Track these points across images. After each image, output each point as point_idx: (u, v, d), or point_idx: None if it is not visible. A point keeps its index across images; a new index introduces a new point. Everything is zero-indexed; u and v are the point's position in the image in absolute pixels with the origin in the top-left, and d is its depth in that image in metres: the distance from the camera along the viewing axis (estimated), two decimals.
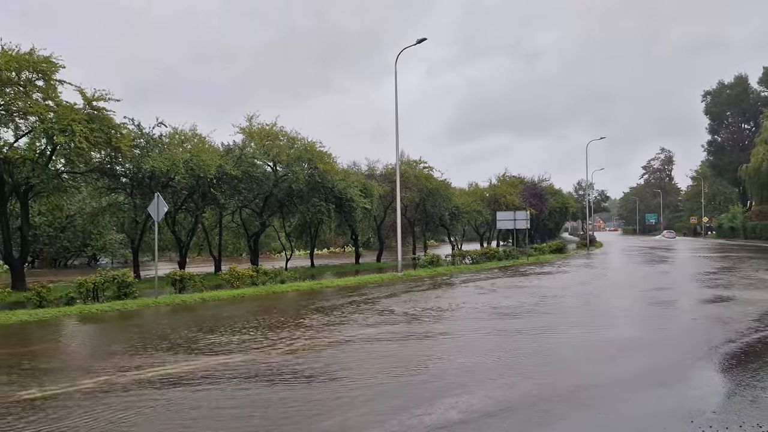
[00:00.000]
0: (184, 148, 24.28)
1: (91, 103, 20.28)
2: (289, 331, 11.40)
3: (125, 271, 18.03)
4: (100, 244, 39.37)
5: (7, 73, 18.56)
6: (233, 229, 34.09)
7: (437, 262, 29.31)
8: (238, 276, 20.47)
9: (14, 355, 9.97)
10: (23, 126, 20.25)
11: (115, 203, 26.86)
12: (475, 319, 12.60)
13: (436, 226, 44.93)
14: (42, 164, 20.68)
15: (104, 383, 7.57)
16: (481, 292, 18.03)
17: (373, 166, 37.68)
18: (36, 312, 14.45)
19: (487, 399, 6.60)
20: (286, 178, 27.81)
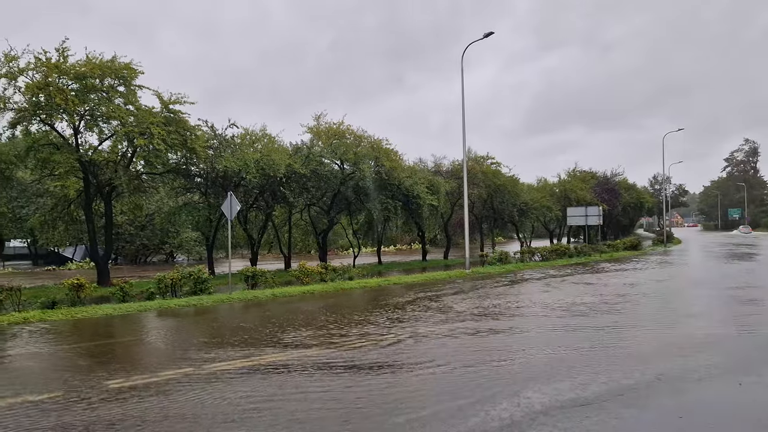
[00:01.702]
0: (255, 148, 24.92)
1: (168, 106, 21.13)
2: (363, 325, 11.48)
3: (201, 268, 18.69)
4: (177, 242, 41.01)
5: (92, 80, 19.63)
6: (302, 226, 34.73)
7: (506, 259, 28.83)
8: (308, 273, 20.82)
9: (102, 347, 10.52)
10: (106, 130, 21.35)
11: (190, 202, 27.91)
12: (549, 316, 12.29)
13: (504, 222, 44.22)
14: (123, 166, 21.73)
15: (200, 372, 7.85)
16: (552, 290, 17.59)
17: (439, 163, 37.50)
18: (120, 306, 15.19)
19: (575, 388, 6.72)
20: (353, 176, 28.06)
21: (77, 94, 19.46)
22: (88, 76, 19.46)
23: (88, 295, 16.26)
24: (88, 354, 9.82)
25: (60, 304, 15.16)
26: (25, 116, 19.66)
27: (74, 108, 19.23)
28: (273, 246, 37.03)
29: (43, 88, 18.79)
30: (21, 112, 19.50)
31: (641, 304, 14.24)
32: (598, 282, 19.93)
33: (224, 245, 31.80)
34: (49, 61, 19.11)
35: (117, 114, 19.93)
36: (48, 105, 19.01)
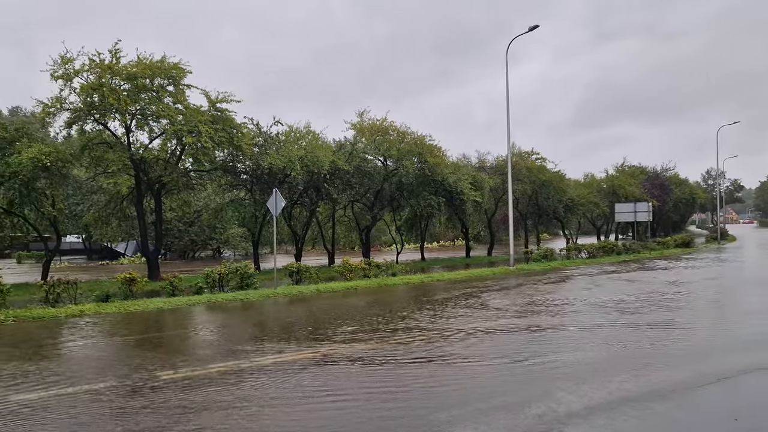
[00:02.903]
0: (299, 145, 25.20)
1: (215, 105, 21.55)
2: (407, 321, 11.49)
3: (247, 263, 19.03)
4: (223, 238, 41.86)
5: (143, 80, 20.19)
6: (345, 222, 34.96)
7: (551, 255, 28.38)
8: (351, 268, 20.95)
9: (154, 339, 10.83)
10: (156, 128, 21.93)
11: (236, 199, 28.44)
12: (599, 313, 12.04)
13: (549, 218, 43.52)
14: (173, 163, 22.30)
15: (248, 365, 8.02)
16: (600, 287, 17.22)
17: (483, 159, 37.16)
18: (170, 300, 15.62)
19: (637, 384, 6.74)
20: (397, 172, 28.08)
21: (129, 94, 20.05)
22: (139, 77, 20.02)
23: (140, 289, 16.76)
24: (140, 346, 10.13)
25: (113, 298, 15.69)
26: (80, 116, 20.38)
27: (126, 107, 19.82)
28: (317, 242, 37.43)
29: (96, 88, 19.42)
30: (76, 112, 20.23)
31: (695, 302, 13.80)
32: (648, 280, 19.41)
33: (269, 241, 32.28)
34: (102, 63, 19.74)
35: (166, 113, 20.45)
36: (101, 105, 19.65)
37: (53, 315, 13.44)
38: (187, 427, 5.68)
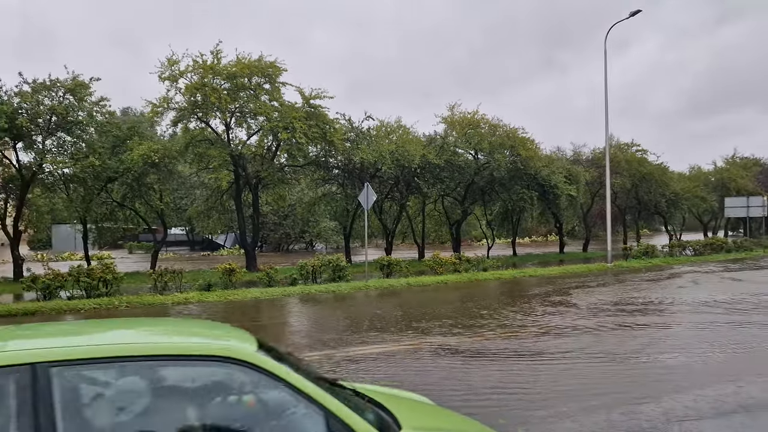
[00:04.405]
0: (390, 139, 25.36)
1: (309, 101, 22.10)
2: (499, 316, 11.30)
3: (339, 256, 19.41)
4: (316, 231, 42.94)
5: (241, 79, 21.05)
6: (435, 217, 34.84)
7: (652, 252, 26.91)
8: (441, 263, 20.86)
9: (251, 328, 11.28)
10: (253, 125, 22.82)
11: (328, 193, 29.06)
12: (705, 313, 11.30)
13: (650, 214, 41.31)
14: (269, 159, 23.11)
15: (341, 355, 8.20)
16: (707, 285, 16.13)
17: (578, 151, 35.78)
18: (266, 290, 16.21)
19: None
20: (488, 165, 27.62)
21: (229, 92, 20.97)
22: (238, 76, 20.89)
23: (239, 279, 17.50)
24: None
25: (214, 287, 16.48)
26: (184, 115, 21.56)
27: (226, 106, 20.75)
28: (407, 236, 37.56)
29: (199, 88, 20.45)
30: (181, 111, 21.41)
31: None
32: (760, 279, 17.98)
33: (360, 235, 32.80)
34: (204, 63, 20.76)
35: (263, 110, 21.21)
36: (204, 104, 20.68)
37: (161, 302, 14.32)
38: None
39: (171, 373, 2.35)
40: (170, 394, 2.34)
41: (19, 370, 2.04)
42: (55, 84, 19.53)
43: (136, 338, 2.59)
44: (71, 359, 2.13)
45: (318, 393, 2.38)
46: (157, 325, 2.88)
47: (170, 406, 2.32)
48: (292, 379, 2.36)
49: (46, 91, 19.45)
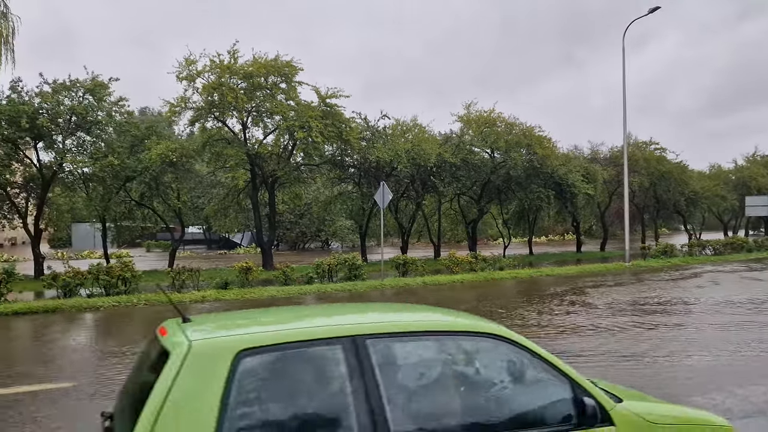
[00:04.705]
0: (406, 138, 25.33)
1: (325, 100, 22.14)
2: (517, 315, 11.23)
3: (354, 255, 19.44)
4: (331, 230, 43.03)
5: (258, 78, 21.15)
6: (451, 215, 34.75)
7: (671, 252, 26.58)
8: (457, 262, 20.79)
9: None
10: (270, 124, 22.91)
11: (344, 192, 29.10)
12: (726, 314, 11.14)
13: (669, 213, 40.85)
14: (285, 158, 23.20)
15: None
16: (728, 285, 15.90)
17: (596, 149, 35.44)
18: (282, 288, 16.29)
19: None
20: (504, 164, 27.49)
21: (245, 92, 21.08)
22: (254, 75, 20.99)
23: (255, 277, 17.60)
24: None
25: (232, 285, 16.58)
26: (201, 114, 21.72)
27: (243, 105, 20.86)
28: (422, 235, 37.52)
29: (216, 88, 20.58)
30: (198, 111, 21.57)
31: None
32: None
33: (376, 233, 32.79)
34: (222, 63, 20.89)
35: (279, 109, 21.30)
36: (221, 103, 20.80)
37: (179, 300, 14.43)
38: None
39: (451, 344, 2.92)
40: (453, 362, 2.92)
41: (344, 341, 2.60)
42: (75, 84, 19.79)
43: (423, 317, 3.20)
44: (381, 333, 2.72)
45: (562, 364, 2.92)
46: (426, 310, 3.55)
47: (453, 371, 2.89)
48: (542, 352, 2.91)
49: (66, 91, 19.72)
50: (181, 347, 2.44)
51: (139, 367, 2.99)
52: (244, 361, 2.42)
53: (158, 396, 2.29)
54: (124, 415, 2.62)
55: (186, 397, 2.31)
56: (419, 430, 2.54)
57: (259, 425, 2.40)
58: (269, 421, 2.42)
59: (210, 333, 2.69)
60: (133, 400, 2.58)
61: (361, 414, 2.45)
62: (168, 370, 2.37)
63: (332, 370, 2.57)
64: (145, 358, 2.95)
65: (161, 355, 2.54)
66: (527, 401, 2.83)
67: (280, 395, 2.48)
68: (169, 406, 2.27)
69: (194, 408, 2.30)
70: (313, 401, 2.53)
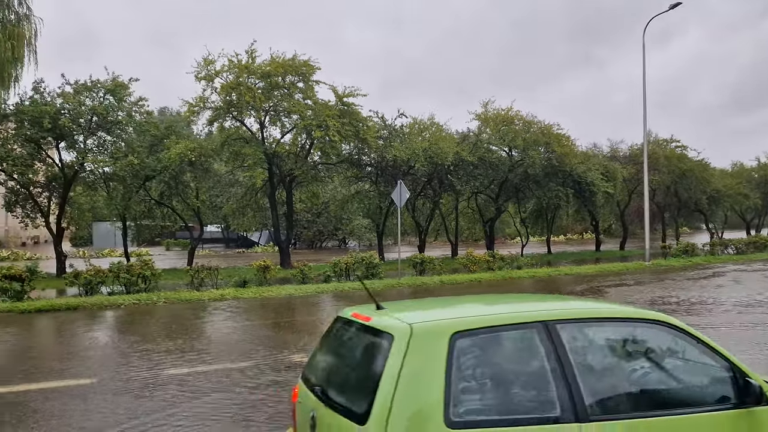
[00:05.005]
0: (423, 137, 25.27)
1: (342, 99, 22.18)
2: None
3: (372, 254, 19.45)
4: (349, 229, 43.12)
5: (275, 78, 21.25)
6: (469, 214, 34.62)
7: (692, 251, 26.21)
8: (475, 260, 20.70)
9: (286, 324, 11.38)
10: (287, 123, 23.00)
11: (361, 191, 29.12)
12: (751, 314, 10.95)
13: (690, 211, 40.32)
14: (302, 157, 23.28)
15: None
16: (750, 285, 15.62)
17: (615, 147, 35.07)
18: (300, 287, 16.34)
19: None
20: (522, 162, 27.31)
21: (263, 91, 21.20)
22: (272, 75, 21.09)
23: (273, 276, 17.67)
24: (273, 329, 10.70)
25: (250, 284, 16.68)
26: (220, 114, 21.87)
27: (261, 105, 20.97)
28: (440, 233, 37.42)
29: (234, 87, 20.71)
30: (217, 110, 21.73)
31: None
32: None
33: (393, 232, 32.79)
34: (240, 63, 21.02)
35: (297, 109, 21.37)
36: (239, 103, 20.93)
37: (198, 298, 14.57)
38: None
39: (624, 329, 3.26)
40: (625, 344, 3.23)
41: (538, 326, 2.95)
42: (95, 85, 20.05)
43: (600, 306, 3.68)
44: (567, 318, 3.09)
45: (722, 349, 3.17)
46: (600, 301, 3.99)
47: (626, 352, 3.21)
48: (703, 337, 3.19)
49: (87, 91, 19.98)
50: (403, 330, 2.79)
51: (338, 346, 3.47)
52: (459, 341, 2.78)
53: (392, 371, 2.65)
54: (343, 387, 3.08)
55: (415, 372, 2.67)
56: (603, 403, 2.89)
57: (477, 397, 2.78)
58: (485, 393, 2.80)
59: (424, 318, 3.02)
60: (346, 375, 3.16)
61: (560, 387, 2.80)
62: (396, 350, 2.72)
63: (531, 350, 2.92)
64: (343, 339, 3.42)
65: (371, 336, 3.00)
66: (689, 381, 3.19)
67: (489, 371, 2.84)
68: (402, 379, 2.63)
69: (424, 381, 2.67)
70: (518, 377, 2.88)
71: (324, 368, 3.43)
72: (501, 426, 2.67)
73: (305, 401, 3.29)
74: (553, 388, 2.80)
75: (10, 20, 15.29)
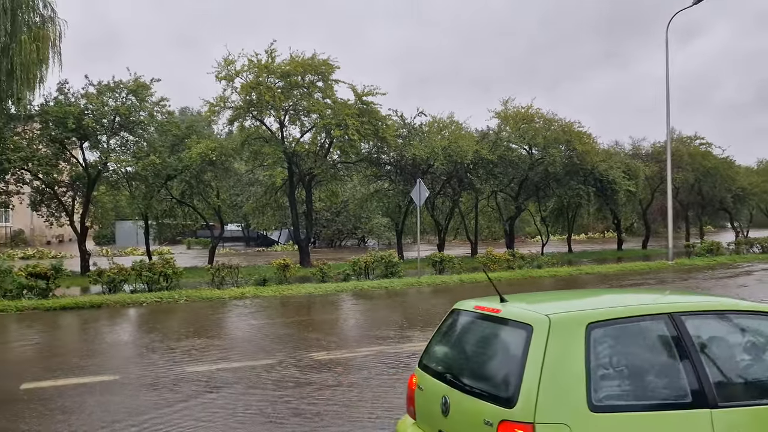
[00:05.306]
0: (443, 135, 25.18)
1: (362, 98, 22.18)
2: None
3: (391, 252, 19.43)
4: (368, 227, 43.13)
5: (295, 77, 21.33)
6: (488, 213, 34.43)
7: (717, 250, 25.79)
8: (495, 259, 20.59)
9: (306, 322, 11.42)
10: (307, 123, 23.08)
11: (380, 189, 29.10)
12: None
13: (714, 210, 39.66)
14: (322, 156, 23.34)
15: (394, 351, 8.22)
16: None
17: (638, 145, 34.59)
18: (319, 286, 16.38)
19: None
20: (542, 161, 27.09)
21: (282, 91, 21.28)
22: (291, 74, 21.18)
23: (293, 274, 17.74)
24: (294, 327, 10.74)
25: (270, 282, 16.77)
26: (240, 113, 22.01)
27: (280, 104, 21.06)
28: (459, 232, 37.26)
29: (254, 87, 20.82)
30: (237, 110, 21.87)
31: None
32: None
33: (412, 231, 32.74)
34: (259, 62, 21.14)
35: (316, 108, 21.43)
36: (259, 102, 21.04)
37: (218, 296, 14.69)
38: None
39: (740, 321, 3.47)
40: (742, 335, 3.44)
41: (665, 318, 3.17)
42: (118, 85, 20.30)
43: (717, 300, 3.98)
44: (691, 311, 3.29)
45: None
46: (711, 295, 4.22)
47: (743, 341, 3.42)
48: None
49: (110, 92, 20.24)
50: (543, 321, 3.00)
51: (462, 336, 3.77)
52: (594, 332, 2.99)
53: (535, 359, 2.87)
54: (479, 373, 3.34)
55: (558, 360, 2.88)
56: (729, 390, 3.11)
57: (615, 383, 2.97)
58: (621, 379, 2.98)
59: (558, 310, 3.19)
60: (481, 363, 3.42)
61: (689, 375, 3.00)
62: (537, 339, 2.94)
63: (660, 340, 3.15)
64: (468, 329, 3.73)
65: (504, 327, 3.28)
66: None
67: (623, 359, 3.05)
68: (546, 367, 2.84)
69: (566, 368, 2.87)
70: (650, 365, 3.08)
71: (450, 357, 3.73)
72: (638, 410, 2.88)
73: (431, 387, 3.55)
74: (683, 375, 3.01)
75: (35, 22, 15.49)
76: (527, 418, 2.76)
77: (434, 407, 3.43)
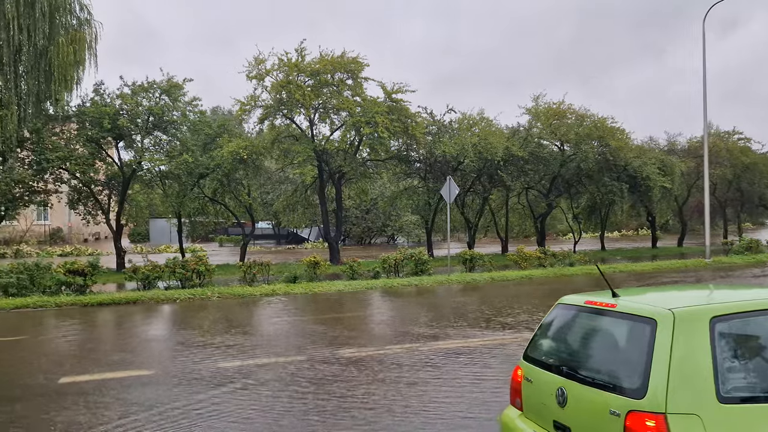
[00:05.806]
0: (473, 132, 25.00)
1: (391, 96, 22.16)
2: None
3: (421, 250, 19.38)
4: (397, 225, 43.11)
5: (324, 75, 21.42)
6: (519, 210, 34.10)
7: (756, 247, 25.08)
8: (526, 257, 20.38)
9: (335, 320, 11.46)
10: (336, 121, 23.17)
11: (410, 187, 29.07)
12: None
13: (754, 206, 38.60)
14: (351, 153, 23.40)
15: (423, 349, 8.20)
16: None
17: (673, 140, 33.86)
18: (349, 283, 16.43)
19: None
20: (574, 157, 26.70)
21: (312, 89, 21.39)
22: (321, 73, 21.28)
23: (323, 272, 17.84)
24: (323, 325, 10.78)
25: (300, 279, 16.89)
26: (270, 112, 22.20)
27: (310, 102, 21.17)
28: (489, 230, 36.98)
29: (285, 85, 20.98)
30: (267, 109, 22.07)
31: None
32: None
33: (442, 228, 32.62)
34: (290, 61, 21.28)
35: (346, 106, 21.50)
36: (289, 101, 21.20)
37: (250, 293, 14.84)
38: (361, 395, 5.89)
39: None
40: None
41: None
42: (152, 86, 20.67)
43: None
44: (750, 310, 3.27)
45: None
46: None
47: None
48: None
49: (144, 92, 20.63)
50: (667, 316, 3.09)
51: (573, 330, 3.83)
52: (717, 325, 3.07)
53: (662, 352, 2.97)
54: (599, 366, 3.38)
55: (685, 353, 2.96)
56: None
57: (741, 375, 3.06)
58: (747, 372, 3.08)
59: (679, 304, 3.23)
60: (600, 356, 3.48)
61: None
62: (663, 333, 3.03)
63: None
64: (579, 323, 3.78)
65: (622, 321, 3.35)
66: None
67: (747, 352, 3.17)
68: (675, 359, 2.93)
69: (694, 361, 2.95)
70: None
71: (562, 350, 3.82)
72: (766, 402, 2.97)
73: (542, 379, 3.65)
74: None
75: (72, 25, 15.84)
76: (658, 409, 2.86)
77: (547, 399, 3.52)
